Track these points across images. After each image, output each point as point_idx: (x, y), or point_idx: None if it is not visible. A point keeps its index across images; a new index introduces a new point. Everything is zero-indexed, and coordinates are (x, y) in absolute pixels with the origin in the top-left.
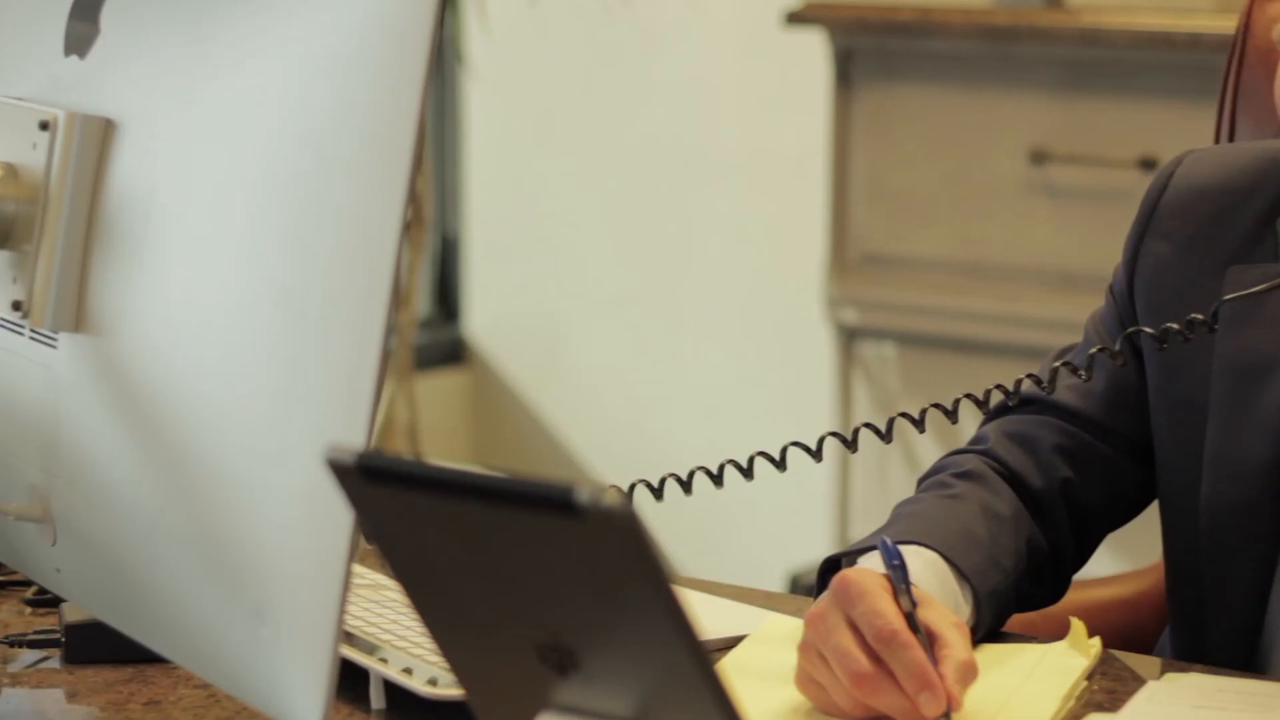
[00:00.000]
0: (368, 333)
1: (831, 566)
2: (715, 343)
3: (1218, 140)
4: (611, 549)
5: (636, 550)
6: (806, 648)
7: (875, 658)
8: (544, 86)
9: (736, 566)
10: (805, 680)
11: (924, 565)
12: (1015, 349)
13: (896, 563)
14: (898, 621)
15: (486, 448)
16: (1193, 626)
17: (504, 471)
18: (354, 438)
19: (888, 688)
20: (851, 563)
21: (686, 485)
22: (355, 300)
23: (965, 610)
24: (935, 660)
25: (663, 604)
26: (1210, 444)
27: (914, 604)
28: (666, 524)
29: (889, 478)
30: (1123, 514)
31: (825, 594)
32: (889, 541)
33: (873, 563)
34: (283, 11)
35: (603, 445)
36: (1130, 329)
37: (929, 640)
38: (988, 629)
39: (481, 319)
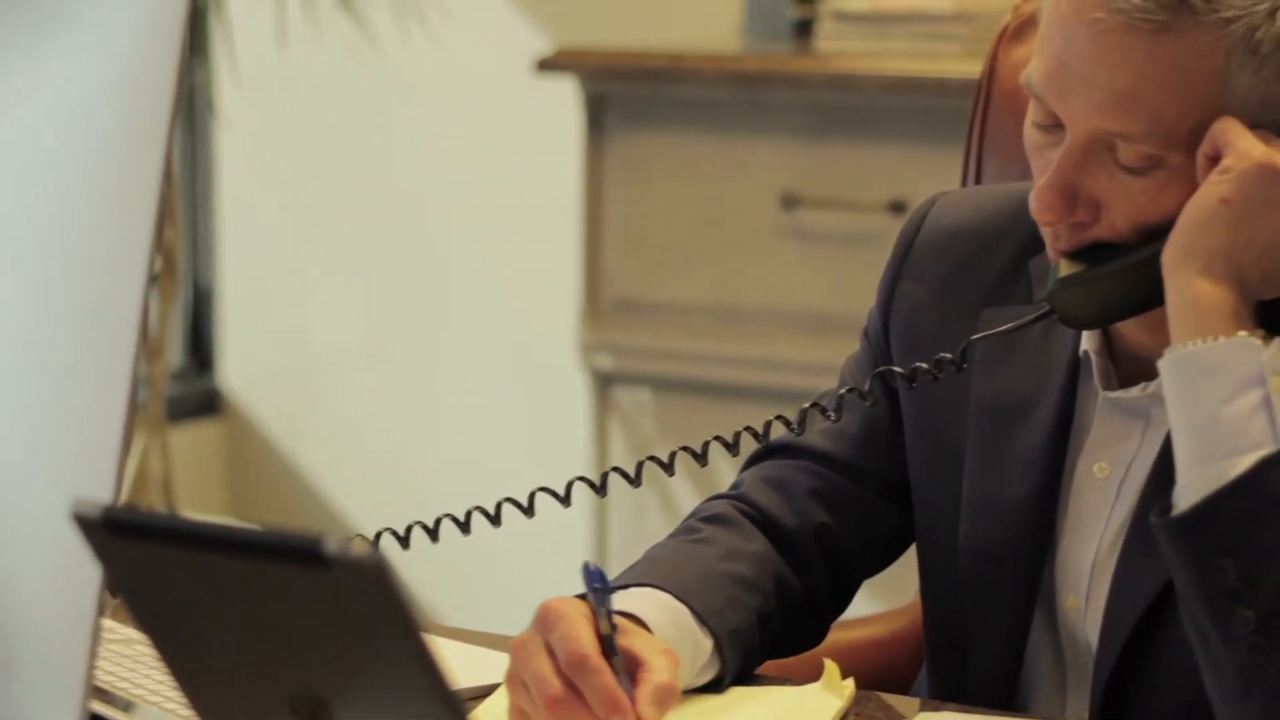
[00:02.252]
0: (114, 384)
1: None
2: (472, 391)
3: (965, 183)
4: (361, 599)
5: (385, 600)
6: (511, 677)
7: (569, 682)
8: (296, 135)
9: (499, 613)
10: (514, 711)
11: (658, 607)
12: (770, 393)
13: (597, 586)
14: (590, 646)
15: (243, 500)
16: (951, 666)
17: (255, 523)
18: (101, 491)
19: (579, 711)
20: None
21: (433, 533)
22: (101, 352)
23: (705, 651)
24: (635, 684)
25: (413, 653)
26: (968, 484)
27: (613, 628)
28: (428, 572)
29: (645, 523)
30: (881, 557)
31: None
32: (591, 565)
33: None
34: (22, 62)
35: (361, 495)
36: (880, 368)
37: (632, 664)
38: (736, 670)
39: (236, 369)
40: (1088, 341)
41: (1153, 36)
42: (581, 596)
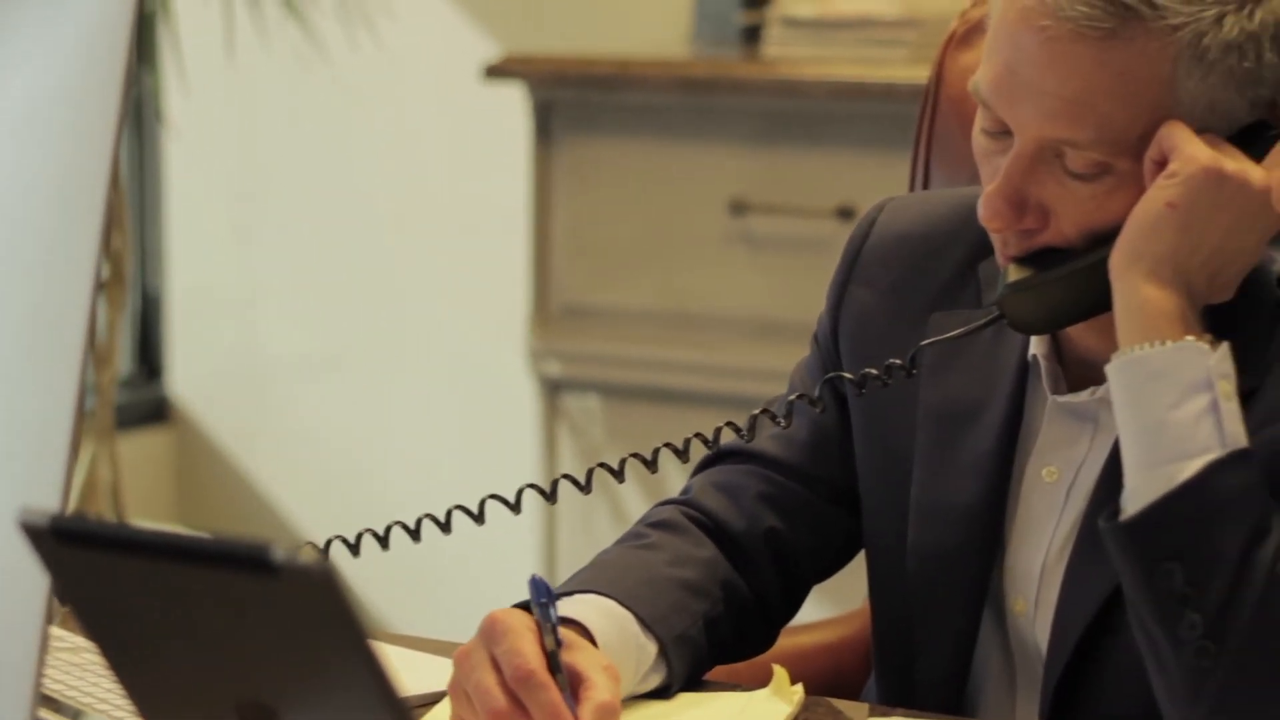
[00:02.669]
0: (62, 392)
1: None
2: (421, 398)
3: (913, 188)
4: (308, 607)
5: (333, 607)
6: (454, 687)
7: (514, 696)
8: (244, 143)
9: (449, 620)
10: None
11: (602, 614)
12: (719, 399)
13: (543, 600)
14: (535, 661)
15: (192, 508)
16: (900, 671)
17: (204, 532)
18: (49, 499)
19: None
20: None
21: (384, 541)
22: (48, 360)
23: (649, 657)
24: (577, 700)
25: (361, 661)
26: (916, 489)
27: (558, 643)
28: (378, 580)
29: (595, 530)
30: (831, 562)
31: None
32: (538, 577)
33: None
34: None
35: (311, 503)
36: (830, 374)
37: (574, 681)
38: (684, 676)
39: (185, 377)
40: (1036, 346)
41: (1100, 44)
42: (525, 606)
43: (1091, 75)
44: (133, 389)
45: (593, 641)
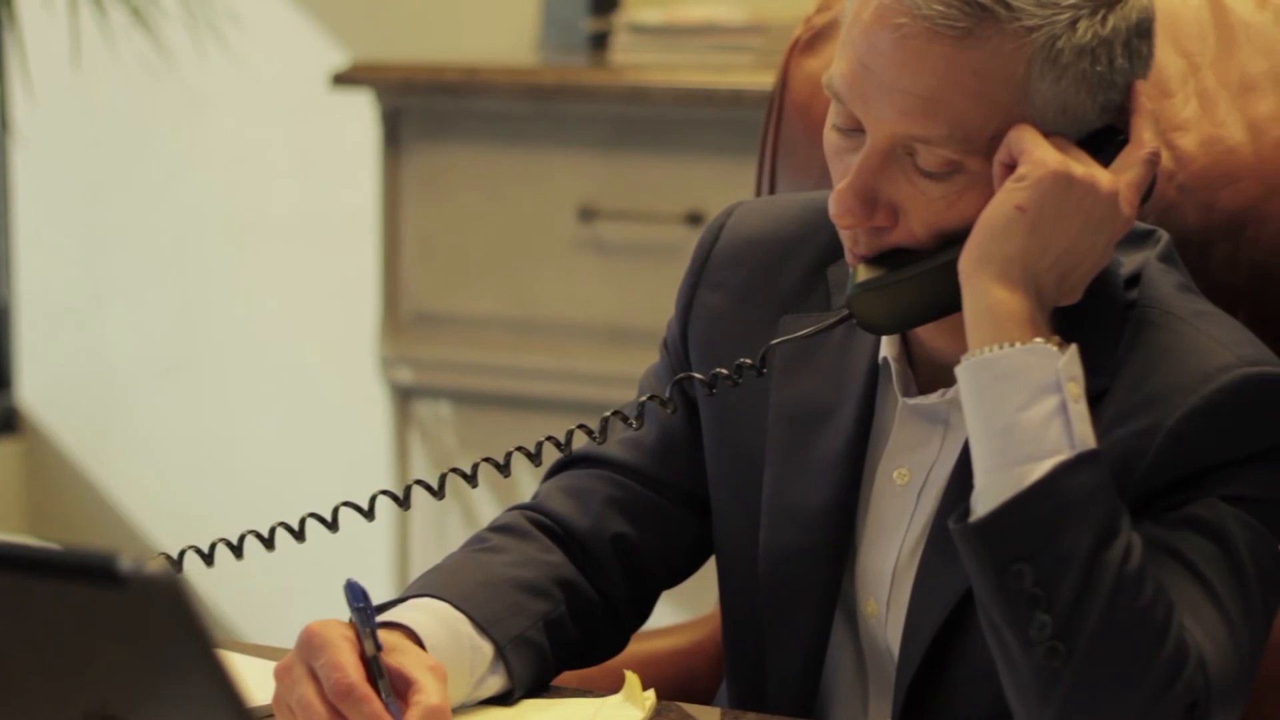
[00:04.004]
0: None
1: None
2: (273, 407)
3: (759, 193)
4: (155, 617)
5: (180, 617)
6: (277, 702)
7: (336, 710)
8: (92, 151)
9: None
10: None
11: (433, 617)
12: (570, 404)
13: (361, 605)
14: (355, 674)
15: (42, 518)
16: (752, 675)
17: (54, 542)
18: None
19: None
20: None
21: (238, 550)
22: None
23: (485, 659)
24: (405, 703)
25: (208, 671)
26: (768, 492)
27: (379, 647)
28: (231, 590)
29: (448, 536)
30: (681, 566)
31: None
32: (353, 582)
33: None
34: None
35: (164, 513)
36: (680, 375)
37: (401, 684)
38: (528, 680)
39: (34, 387)
40: (887, 348)
41: (956, 43)
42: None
43: (946, 74)
44: None
45: (420, 646)
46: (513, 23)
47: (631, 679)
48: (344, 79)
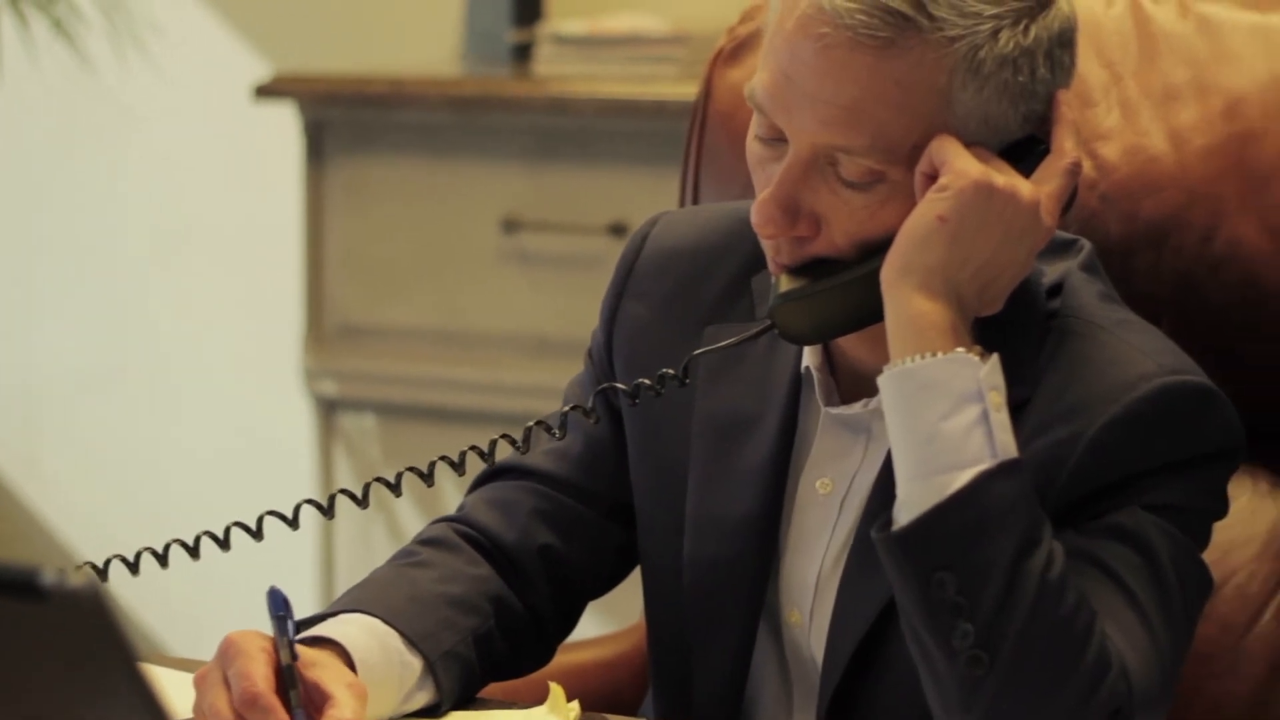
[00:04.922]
0: None
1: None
2: (198, 419)
3: (683, 203)
4: (78, 630)
5: (103, 630)
6: (195, 709)
7: (244, 718)
8: (15, 163)
9: None
10: None
11: (362, 631)
12: (495, 416)
13: (281, 614)
14: (263, 684)
15: None
16: (677, 685)
17: None
18: None
19: None
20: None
21: (163, 559)
22: None
23: (414, 674)
24: (320, 716)
25: (132, 684)
26: (691, 502)
27: (295, 657)
28: (156, 603)
29: (373, 546)
30: (606, 577)
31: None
32: (275, 589)
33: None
34: None
35: (92, 527)
36: (603, 385)
37: (318, 698)
38: (455, 694)
39: None
40: (809, 357)
41: (878, 52)
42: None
43: (868, 83)
44: None
45: (350, 661)
46: (436, 34)
47: (556, 690)
48: (267, 90)
